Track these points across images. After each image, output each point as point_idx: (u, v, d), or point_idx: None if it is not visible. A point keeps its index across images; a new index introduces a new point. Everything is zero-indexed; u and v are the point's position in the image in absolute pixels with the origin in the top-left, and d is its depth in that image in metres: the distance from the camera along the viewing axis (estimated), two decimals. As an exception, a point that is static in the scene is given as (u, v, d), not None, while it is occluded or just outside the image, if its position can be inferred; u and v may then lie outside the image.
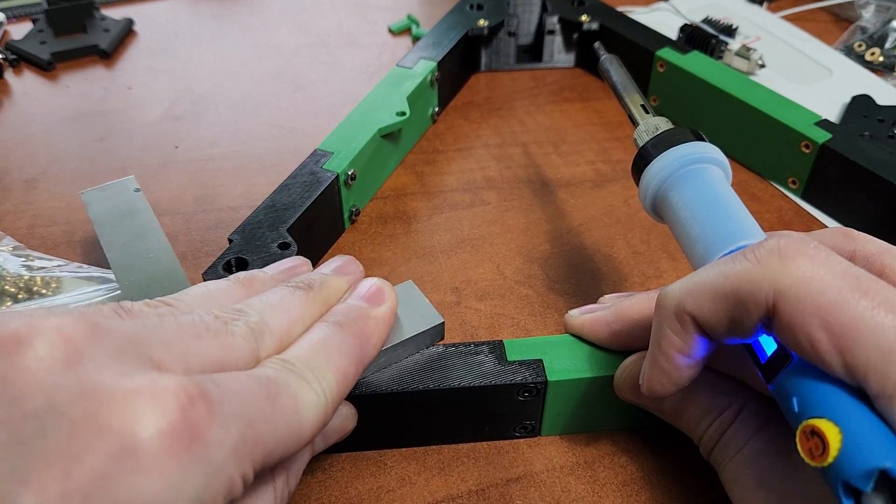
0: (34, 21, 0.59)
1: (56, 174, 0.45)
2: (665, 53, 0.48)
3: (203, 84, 0.54)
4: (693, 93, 0.47)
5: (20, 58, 0.56)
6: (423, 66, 0.46)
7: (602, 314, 0.29)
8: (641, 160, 0.29)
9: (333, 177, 0.38)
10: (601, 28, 0.52)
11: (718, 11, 0.62)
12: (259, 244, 0.34)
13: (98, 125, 0.50)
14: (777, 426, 0.25)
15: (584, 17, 0.52)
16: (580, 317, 0.30)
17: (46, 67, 0.55)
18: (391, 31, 0.61)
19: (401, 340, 0.28)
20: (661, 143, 0.29)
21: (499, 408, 0.29)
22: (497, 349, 0.29)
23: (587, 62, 0.55)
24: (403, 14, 0.63)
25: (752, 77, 0.54)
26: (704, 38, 0.55)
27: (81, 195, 0.37)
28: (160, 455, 0.17)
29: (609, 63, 0.36)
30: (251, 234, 0.34)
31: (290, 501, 0.28)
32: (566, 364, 0.29)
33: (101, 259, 0.38)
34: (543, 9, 0.54)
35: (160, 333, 0.20)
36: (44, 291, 0.36)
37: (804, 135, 0.41)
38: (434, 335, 0.29)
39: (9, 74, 0.55)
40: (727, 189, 0.27)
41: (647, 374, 0.25)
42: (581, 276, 0.38)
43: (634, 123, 0.32)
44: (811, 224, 0.42)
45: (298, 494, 0.28)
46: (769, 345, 0.23)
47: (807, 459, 0.19)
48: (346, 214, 0.40)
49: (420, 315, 0.29)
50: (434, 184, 0.45)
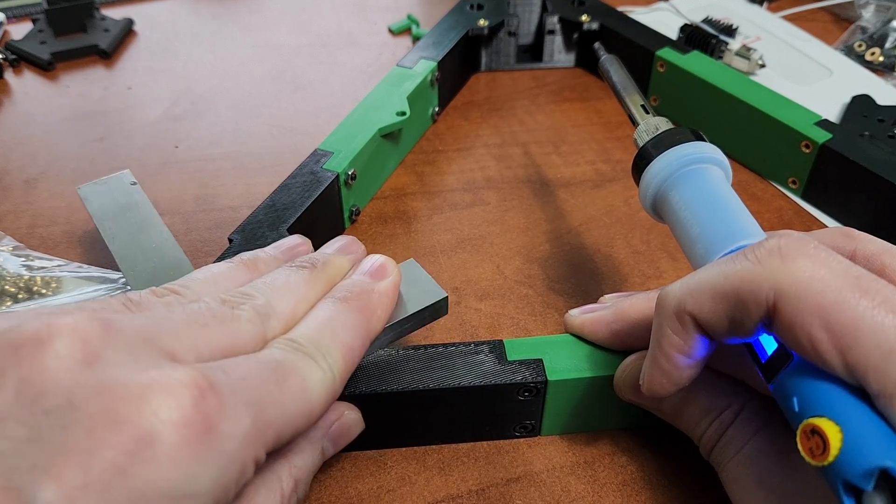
0: (34, 21, 0.59)
1: (56, 174, 0.45)
2: (665, 53, 0.48)
3: (203, 84, 0.54)
4: (693, 93, 0.47)
5: (20, 58, 0.56)
6: (424, 66, 0.46)
7: (602, 314, 0.29)
8: (641, 160, 0.29)
9: (333, 177, 0.38)
10: (601, 28, 0.52)
11: (718, 11, 0.62)
12: (259, 244, 0.33)
13: (98, 125, 0.50)
14: (777, 426, 0.25)
15: (585, 17, 0.52)
16: (580, 316, 0.30)
17: (46, 67, 0.55)
18: (391, 31, 0.61)
19: (405, 315, 0.28)
20: (661, 144, 0.29)
21: (499, 407, 0.29)
22: (497, 349, 0.29)
23: (587, 62, 0.55)
24: (403, 14, 0.63)
25: (752, 77, 0.54)
26: (704, 38, 0.55)
27: (78, 190, 0.37)
28: (175, 446, 0.18)
29: (609, 63, 0.36)
30: (251, 234, 0.34)
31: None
32: (566, 364, 0.29)
33: (102, 258, 0.38)
34: (543, 9, 0.54)
35: (169, 325, 0.21)
36: (44, 291, 0.36)
37: (804, 135, 0.41)
38: (438, 309, 0.29)
39: (9, 74, 0.55)
40: (727, 189, 0.27)
41: (648, 374, 0.25)
42: (581, 276, 0.38)
43: (634, 123, 0.32)
44: (811, 224, 0.42)
45: (298, 494, 0.28)
46: (769, 344, 0.23)
47: (807, 459, 0.19)
48: (346, 214, 0.40)
49: (423, 291, 0.29)
50: (434, 184, 0.45)
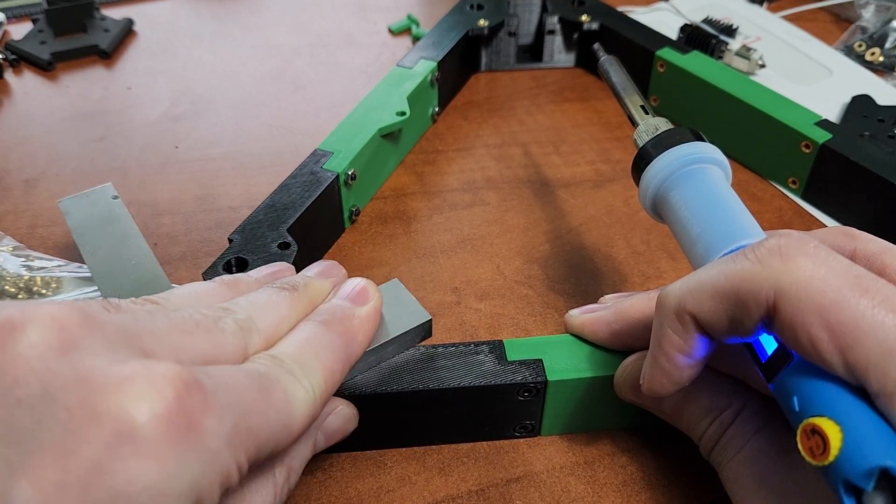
0: (34, 21, 0.59)
1: (56, 174, 0.45)
2: (665, 53, 0.48)
3: (203, 84, 0.54)
4: (693, 93, 0.47)
5: (20, 58, 0.56)
6: (424, 66, 0.46)
7: (602, 314, 0.29)
8: (641, 160, 0.29)
9: (333, 177, 0.38)
10: (601, 28, 0.52)
11: (718, 11, 0.62)
12: (259, 244, 0.34)
13: (98, 125, 0.50)
14: (777, 426, 0.25)
15: (585, 17, 0.52)
16: (580, 316, 0.30)
17: (46, 67, 0.55)
18: (391, 31, 0.61)
19: (388, 339, 0.27)
20: (661, 144, 0.29)
21: (499, 407, 0.29)
22: (497, 349, 0.29)
23: (587, 62, 0.55)
24: (403, 14, 0.63)
25: (752, 77, 0.54)
26: (704, 38, 0.55)
27: (59, 204, 0.36)
28: (157, 441, 0.17)
29: (608, 64, 0.36)
30: (251, 234, 0.34)
31: (290, 501, 0.28)
32: (566, 364, 0.29)
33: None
34: (543, 9, 0.54)
35: (151, 327, 0.20)
36: (44, 291, 0.36)
37: (804, 135, 0.41)
38: (422, 332, 0.29)
39: (9, 74, 0.55)
40: (727, 189, 0.27)
41: (648, 374, 0.25)
42: (581, 276, 0.38)
43: (634, 124, 0.32)
44: (811, 224, 0.42)
45: (298, 494, 0.28)
46: (770, 344, 0.23)
47: (808, 458, 0.19)
48: (346, 214, 0.40)
49: (407, 313, 0.28)
50: (434, 184, 0.45)
